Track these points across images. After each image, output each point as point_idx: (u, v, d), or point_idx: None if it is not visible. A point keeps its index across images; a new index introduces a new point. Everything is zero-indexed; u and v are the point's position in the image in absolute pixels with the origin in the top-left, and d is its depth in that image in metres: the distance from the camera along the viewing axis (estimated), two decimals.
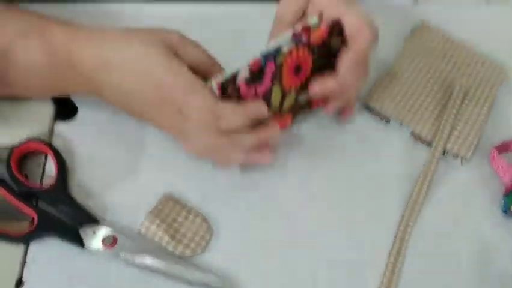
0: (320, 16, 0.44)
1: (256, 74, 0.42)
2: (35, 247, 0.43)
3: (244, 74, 0.42)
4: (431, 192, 0.50)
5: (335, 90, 0.46)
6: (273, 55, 0.42)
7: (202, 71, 0.44)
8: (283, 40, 0.43)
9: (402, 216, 0.48)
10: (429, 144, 0.52)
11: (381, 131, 0.53)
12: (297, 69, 0.45)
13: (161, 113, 0.43)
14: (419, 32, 0.59)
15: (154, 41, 0.42)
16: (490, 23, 0.61)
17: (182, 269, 0.43)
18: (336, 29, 0.44)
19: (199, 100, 0.41)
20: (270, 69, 0.43)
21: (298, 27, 0.44)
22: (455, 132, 0.52)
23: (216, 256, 0.44)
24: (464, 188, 0.50)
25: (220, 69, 0.45)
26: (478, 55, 0.58)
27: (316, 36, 0.44)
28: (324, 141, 0.52)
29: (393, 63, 0.56)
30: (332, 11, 0.44)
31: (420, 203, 0.48)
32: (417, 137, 0.52)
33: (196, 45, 0.45)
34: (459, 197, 0.50)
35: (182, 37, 0.44)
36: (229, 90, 0.42)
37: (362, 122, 0.53)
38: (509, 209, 0.48)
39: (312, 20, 0.44)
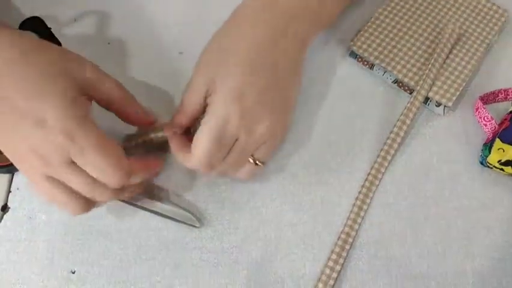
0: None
1: None
2: (19, 178, 0.47)
3: None
4: (409, 139, 0.49)
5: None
6: None
7: (116, 106, 0.41)
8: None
9: (377, 156, 0.48)
10: (412, 91, 0.50)
11: (364, 77, 0.52)
12: None
13: None
14: None
15: (52, 80, 0.36)
16: None
17: (158, 204, 0.45)
18: None
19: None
20: None
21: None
22: (441, 79, 0.50)
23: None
24: (444, 137, 0.50)
25: (134, 104, 0.42)
26: None
27: None
28: (307, 83, 0.51)
29: (382, 9, 0.54)
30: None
31: (395, 148, 0.48)
32: (400, 84, 0.51)
33: (111, 80, 0.41)
34: (437, 145, 0.49)
35: (96, 70, 0.40)
36: None
37: (345, 67, 0.52)
38: (486, 160, 0.47)
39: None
